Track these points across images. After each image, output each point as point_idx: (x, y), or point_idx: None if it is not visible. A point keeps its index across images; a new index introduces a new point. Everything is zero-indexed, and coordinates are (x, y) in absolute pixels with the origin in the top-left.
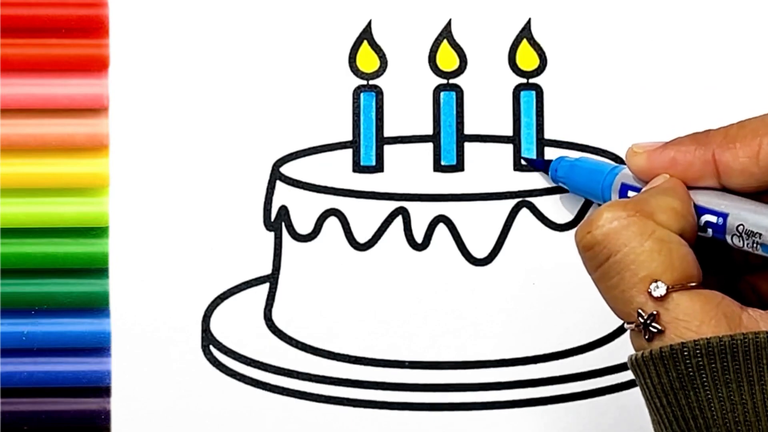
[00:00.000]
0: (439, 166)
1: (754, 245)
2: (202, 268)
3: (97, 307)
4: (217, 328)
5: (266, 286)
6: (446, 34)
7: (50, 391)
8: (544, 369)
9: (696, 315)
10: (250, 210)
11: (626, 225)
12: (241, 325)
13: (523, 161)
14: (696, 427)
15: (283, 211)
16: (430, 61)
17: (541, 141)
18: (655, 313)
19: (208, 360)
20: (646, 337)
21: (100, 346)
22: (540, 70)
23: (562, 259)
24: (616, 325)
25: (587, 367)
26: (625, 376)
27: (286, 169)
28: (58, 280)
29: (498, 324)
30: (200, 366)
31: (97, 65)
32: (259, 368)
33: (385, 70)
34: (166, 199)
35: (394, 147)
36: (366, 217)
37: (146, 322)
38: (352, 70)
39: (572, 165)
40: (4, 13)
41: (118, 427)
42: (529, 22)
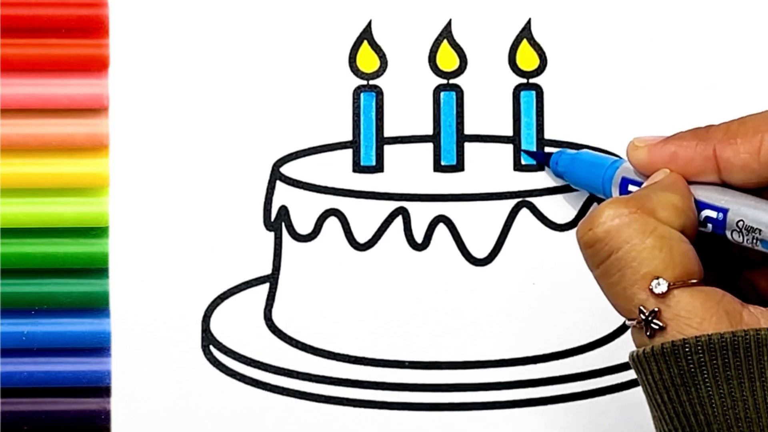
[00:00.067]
0: (439, 166)
1: (754, 241)
2: (202, 268)
3: (97, 307)
4: (217, 328)
5: (266, 286)
6: (446, 34)
7: (50, 391)
8: (544, 369)
9: (697, 312)
10: (250, 210)
11: (628, 222)
12: (241, 325)
13: (523, 153)
14: (697, 423)
15: (283, 211)
16: (430, 61)
17: (541, 141)
18: (656, 310)
19: (208, 360)
20: (648, 334)
21: (100, 346)
22: (540, 70)
23: (562, 259)
24: (616, 325)
25: (587, 367)
26: (625, 376)
27: (286, 169)
28: (58, 280)
29: (498, 324)
30: (200, 366)
31: (97, 65)
32: (259, 368)
33: (385, 70)
34: (166, 199)
35: (394, 147)
36: (366, 217)
37: (146, 322)
38: (352, 70)
39: (573, 158)
40: (4, 13)
41: (118, 427)
42: (529, 22)
